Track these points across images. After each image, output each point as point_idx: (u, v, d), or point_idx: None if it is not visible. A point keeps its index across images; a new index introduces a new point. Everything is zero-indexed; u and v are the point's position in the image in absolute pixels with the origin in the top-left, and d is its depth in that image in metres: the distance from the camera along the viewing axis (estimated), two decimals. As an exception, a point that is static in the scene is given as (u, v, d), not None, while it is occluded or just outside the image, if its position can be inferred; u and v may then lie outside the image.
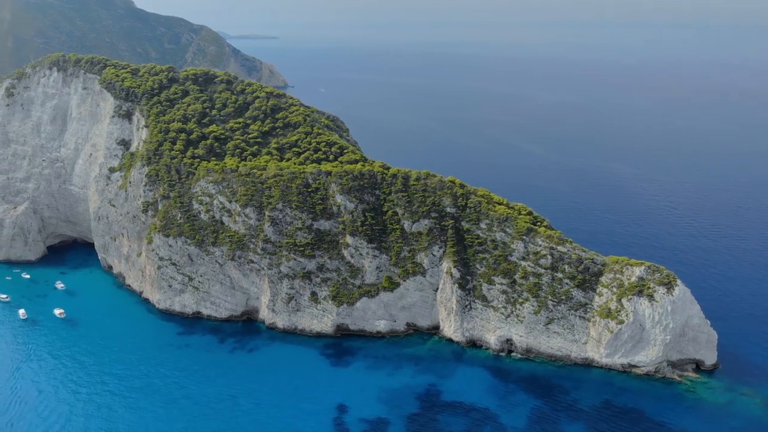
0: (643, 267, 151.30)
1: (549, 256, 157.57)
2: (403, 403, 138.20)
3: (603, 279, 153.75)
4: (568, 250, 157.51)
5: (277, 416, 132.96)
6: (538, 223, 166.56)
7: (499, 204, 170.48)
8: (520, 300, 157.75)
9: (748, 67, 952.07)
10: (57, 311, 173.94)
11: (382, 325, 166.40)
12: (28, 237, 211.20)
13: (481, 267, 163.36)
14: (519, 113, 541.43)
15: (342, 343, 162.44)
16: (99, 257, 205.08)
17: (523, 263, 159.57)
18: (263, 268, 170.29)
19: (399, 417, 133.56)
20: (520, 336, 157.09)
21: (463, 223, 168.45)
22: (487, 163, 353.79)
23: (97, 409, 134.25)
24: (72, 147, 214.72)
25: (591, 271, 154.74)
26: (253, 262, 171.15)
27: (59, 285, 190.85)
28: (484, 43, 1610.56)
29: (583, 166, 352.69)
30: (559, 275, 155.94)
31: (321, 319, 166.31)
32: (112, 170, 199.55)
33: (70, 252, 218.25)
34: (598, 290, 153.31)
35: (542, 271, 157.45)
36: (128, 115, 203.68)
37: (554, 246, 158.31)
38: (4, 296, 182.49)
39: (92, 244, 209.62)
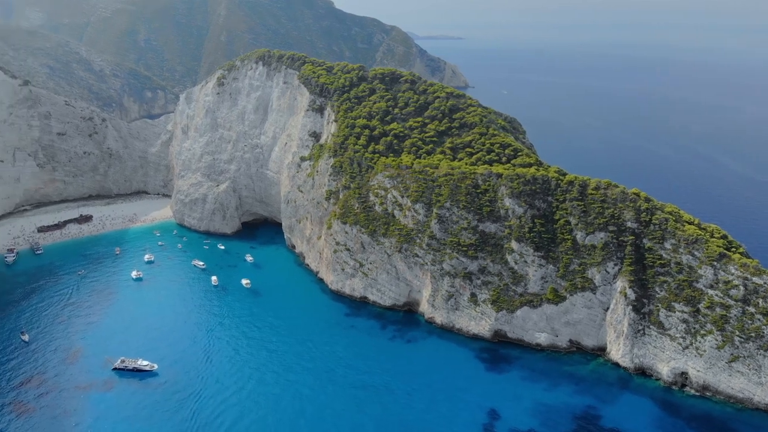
0: None
1: (741, 287, 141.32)
2: (558, 421, 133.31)
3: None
4: (765, 283, 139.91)
5: (429, 410, 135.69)
6: (733, 249, 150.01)
7: (689, 223, 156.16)
8: (702, 332, 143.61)
9: None
10: (244, 281, 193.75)
11: (542, 338, 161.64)
12: (226, 213, 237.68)
13: (661, 291, 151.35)
14: (721, 125, 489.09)
15: (498, 349, 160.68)
16: (285, 237, 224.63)
17: (711, 292, 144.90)
18: (427, 263, 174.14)
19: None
20: (698, 371, 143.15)
21: (644, 241, 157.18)
22: (677, 176, 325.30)
23: (273, 374, 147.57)
24: (270, 135, 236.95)
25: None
26: (417, 256, 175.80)
27: (248, 258, 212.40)
28: (677, 47, 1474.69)
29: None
30: (751, 309, 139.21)
31: (479, 321, 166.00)
32: (302, 159, 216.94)
33: (260, 229, 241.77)
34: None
35: (732, 302, 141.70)
36: (321, 110, 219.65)
37: (749, 276, 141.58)
38: (201, 263, 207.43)
39: (280, 224, 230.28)
